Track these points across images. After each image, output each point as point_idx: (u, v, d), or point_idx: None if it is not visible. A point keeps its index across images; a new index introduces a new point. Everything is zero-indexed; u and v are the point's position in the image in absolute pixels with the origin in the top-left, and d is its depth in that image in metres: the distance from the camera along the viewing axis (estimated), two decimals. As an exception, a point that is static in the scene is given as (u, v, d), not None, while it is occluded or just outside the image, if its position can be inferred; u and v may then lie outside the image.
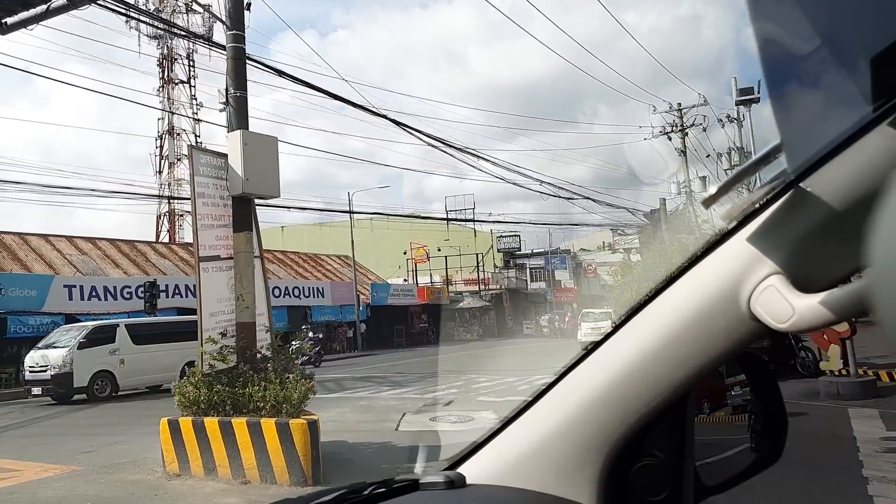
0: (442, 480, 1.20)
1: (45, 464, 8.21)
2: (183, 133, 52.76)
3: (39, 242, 26.42)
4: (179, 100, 53.01)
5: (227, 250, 7.61)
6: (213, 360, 7.15)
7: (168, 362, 17.15)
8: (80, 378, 16.11)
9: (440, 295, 39.80)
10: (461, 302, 40.45)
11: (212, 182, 7.47)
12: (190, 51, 52.99)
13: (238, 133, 7.54)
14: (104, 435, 10.46)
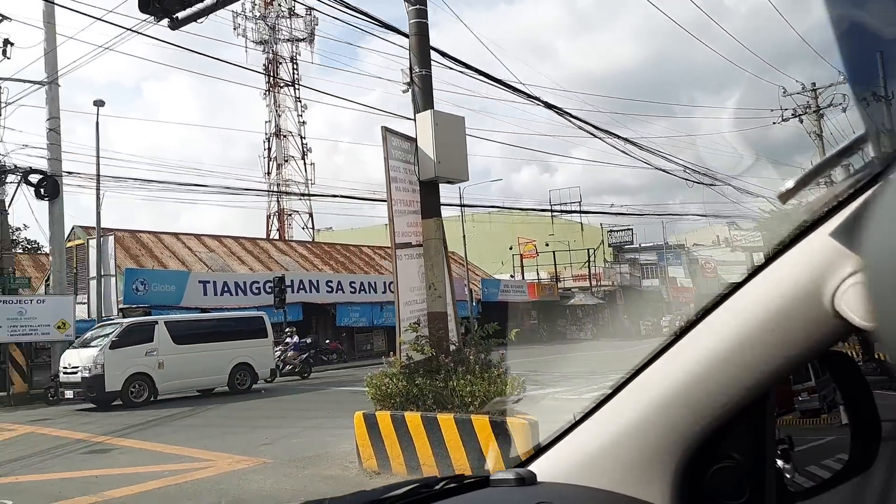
0: (512, 477, 1.21)
1: (233, 455, 8.21)
2: (289, 135, 54.45)
3: (172, 240, 27.72)
4: (285, 103, 54.76)
5: (417, 237, 7.29)
6: (412, 351, 6.82)
7: (213, 364, 15.76)
8: (113, 382, 14.27)
9: (551, 291, 38.91)
10: (572, 299, 39.39)
11: (402, 166, 7.17)
12: (294, 54, 54.61)
13: (428, 113, 7.19)
14: (272, 427, 10.49)
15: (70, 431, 11.13)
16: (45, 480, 7.61)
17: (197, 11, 9.86)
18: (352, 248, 35.17)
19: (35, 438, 10.79)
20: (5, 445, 10.27)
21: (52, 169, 18.53)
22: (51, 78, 18.59)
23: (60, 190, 18.58)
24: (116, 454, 9.03)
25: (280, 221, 52.80)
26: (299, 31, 53.67)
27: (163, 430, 10.96)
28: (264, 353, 17.02)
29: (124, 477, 7.48)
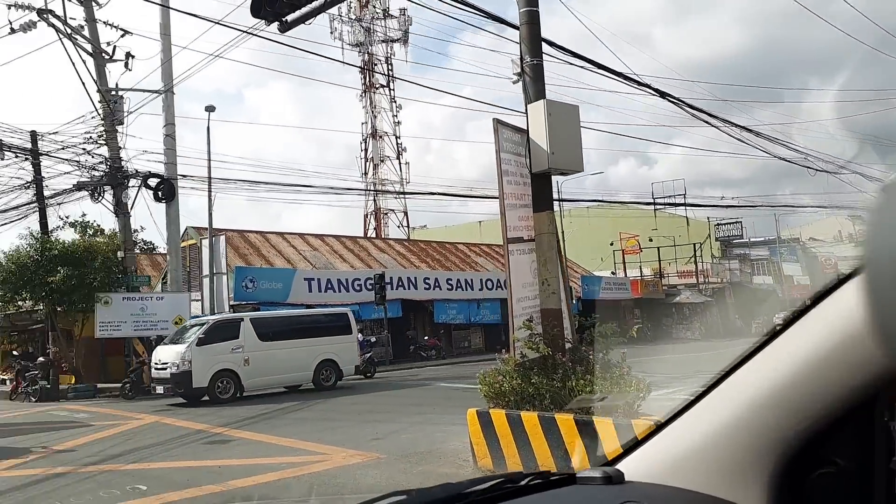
0: (599, 476, 1.21)
1: (346, 449, 8.35)
2: (385, 136, 55.53)
3: (277, 240, 28.86)
4: (380, 104, 55.87)
5: (528, 231, 7.12)
6: (526, 349, 6.67)
7: (298, 361, 15.87)
8: (200, 378, 14.61)
9: (655, 289, 37.59)
10: (678, 296, 37.87)
11: (513, 159, 7.02)
12: (388, 54, 55.62)
13: (541, 103, 7.00)
14: (379, 423, 10.62)
15: (191, 422, 11.74)
16: (173, 468, 8.03)
17: (306, 13, 10.11)
18: (447, 246, 35.39)
19: (160, 428, 11.46)
20: (135, 433, 10.97)
21: (168, 173, 19.71)
22: (167, 87, 19.76)
23: (176, 192, 19.73)
24: (235, 445, 9.42)
25: (377, 220, 53.96)
26: (394, 32, 54.71)
27: (276, 423, 11.35)
28: (349, 350, 17.15)
29: (245, 468, 7.77)
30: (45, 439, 10.79)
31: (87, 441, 10.41)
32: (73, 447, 9.96)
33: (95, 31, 19.54)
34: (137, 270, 21.02)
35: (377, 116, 55.84)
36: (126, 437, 10.69)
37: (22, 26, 17.89)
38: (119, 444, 10.04)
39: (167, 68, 19.67)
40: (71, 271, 17.92)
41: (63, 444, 10.21)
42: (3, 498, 7.03)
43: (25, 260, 18.20)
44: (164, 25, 19.70)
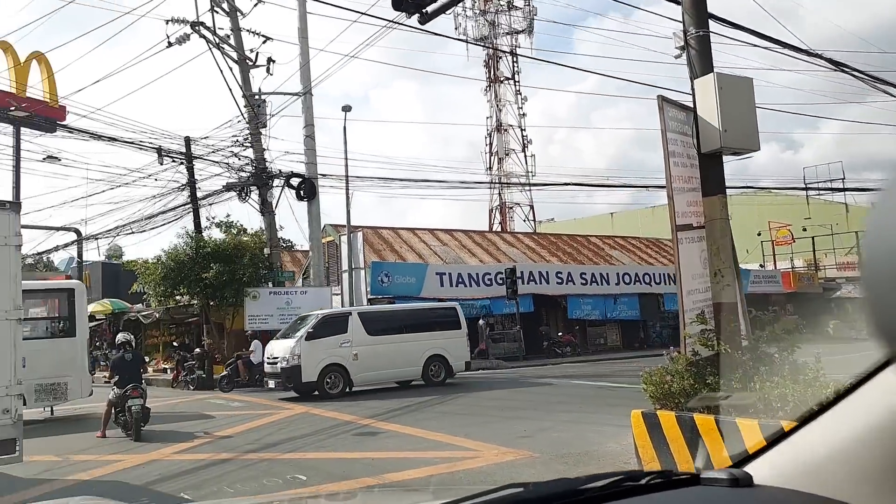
0: (725, 477, 1.18)
1: (496, 446, 8.20)
2: (510, 128, 55.23)
3: (409, 235, 29.44)
4: (505, 96, 55.62)
5: (698, 218, 6.58)
6: (699, 346, 6.16)
7: (407, 356, 15.75)
8: (309, 372, 14.71)
9: (810, 282, 34.67)
10: (838, 290, 34.70)
11: (679, 139, 6.51)
12: (513, 47, 55.27)
13: (710, 77, 6.45)
14: (525, 419, 10.39)
15: (338, 413, 12.09)
16: (328, 459, 8.24)
17: (447, 2, 10.07)
18: (578, 239, 34.53)
19: (310, 418, 11.89)
20: (288, 423, 11.45)
21: (309, 172, 20.58)
22: (305, 89, 20.62)
23: (317, 191, 20.57)
24: (384, 438, 9.55)
25: (502, 214, 53.82)
26: (518, 23, 54.31)
27: (420, 417, 11.43)
28: (459, 345, 16.78)
29: (397, 461, 7.81)
30: (206, 426, 11.54)
31: (244, 429, 10.99)
32: (231, 434, 10.55)
33: (240, 39, 20.77)
34: (282, 266, 22.14)
35: (502, 109, 55.68)
36: (279, 426, 11.18)
37: (178, 39, 19.34)
38: (274, 433, 10.51)
39: (305, 71, 20.53)
40: (222, 268, 19.17)
41: (223, 431, 10.85)
42: (177, 480, 7.50)
43: (182, 258, 19.69)
44: (301, 29, 20.58)
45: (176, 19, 19.17)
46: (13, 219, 6.54)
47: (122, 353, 11.16)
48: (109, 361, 20.59)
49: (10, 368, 6.34)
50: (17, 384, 6.44)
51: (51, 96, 34.70)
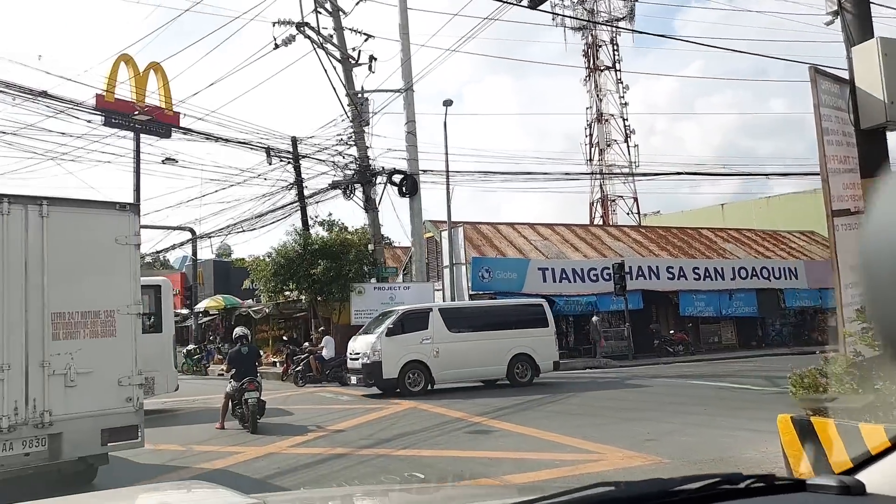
0: (835, 484, 1.14)
1: (620, 448, 7.78)
2: (611, 118, 53.72)
3: (508, 230, 29.09)
4: (605, 86, 54.14)
5: (855, 202, 5.90)
6: (861, 345, 5.51)
7: (490, 354, 15.24)
8: (390, 369, 14.53)
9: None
10: None
11: (833, 114, 5.86)
12: (613, 35, 53.74)
13: (872, 43, 5.75)
14: (647, 421, 9.87)
15: (446, 409, 11.97)
16: (444, 457, 8.08)
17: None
18: (689, 231, 32.97)
19: (419, 414, 11.84)
20: (398, 418, 11.44)
21: (410, 168, 20.68)
22: (407, 85, 20.71)
23: (419, 187, 20.65)
24: (498, 437, 9.30)
25: (604, 208, 52.46)
26: (619, 11, 52.76)
27: (532, 416, 11.12)
28: (546, 344, 16.03)
29: (515, 462, 7.54)
30: (318, 420, 11.73)
31: (356, 423, 11.06)
32: (344, 428, 10.64)
33: (343, 38, 21.14)
34: (385, 262, 22.42)
35: (602, 99, 54.28)
36: (390, 421, 11.19)
37: (284, 41, 19.92)
38: (386, 428, 10.51)
39: (407, 67, 20.62)
40: (329, 264, 19.61)
41: (335, 425, 10.98)
42: (295, 475, 7.56)
43: (291, 254, 20.29)
44: (402, 25, 20.69)
45: (282, 21, 19.75)
46: (133, 220, 7.01)
47: (239, 347, 11.48)
48: (224, 355, 21.43)
49: (131, 360, 6.82)
50: (138, 374, 6.87)
51: (166, 104, 36.85)
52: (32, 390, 6.24)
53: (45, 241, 6.42)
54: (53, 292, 6.42)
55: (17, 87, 17.84)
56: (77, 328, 6.52)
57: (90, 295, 6.66)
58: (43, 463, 6.28)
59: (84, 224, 6.73)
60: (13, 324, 6.23)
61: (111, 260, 6.81)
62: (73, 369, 6.43)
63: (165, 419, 12.73)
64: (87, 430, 6.43)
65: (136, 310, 6.92)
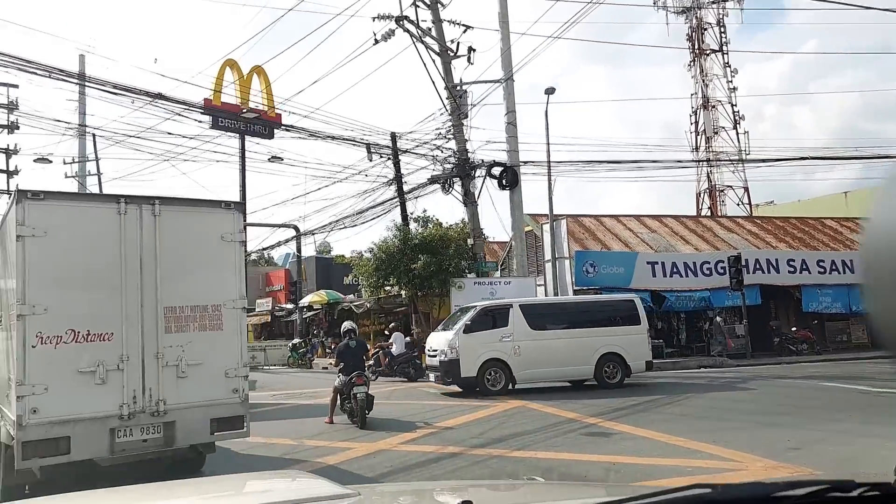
0: None
1: (758, 457, 7.06)
2: (718, 104, 51.09)
3: (612, 223, 28.07)
4: (712, 70, 51.56)
5: None
6: None
7: (576, 353, 14.39)
8: (468, 367, 14.01)
9: None
10: None
11: None
12: (720, 16, 51.15)
13: None
14: (784, 427, 9.02)
15: (557, 409, 11.46)
16: (563, 460, 7.62)
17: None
18: (809, 222, 30.70)
19: (528, 413, 11.41)
20: (507, 417, 11.06)
21: (511, 160, 20.23)
22: (507, 75, 20.27)
23: (519, 179, 20.18)
24: (618, 439, 8.74)
25: (712, 198, 50.04)
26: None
27: (651, 418, 10.44)
28: (638, 343, 15.01)
29: (642, 468, 7.00)
30: (425, 416, 11.54)
31: (465, 421, 10.79)
32: (453, 426, 10.39)
33: (441, 30, 20.96)
34: (485, 257, 22.11)
35: (708, 85, 51.76)
36: (499, 420, 10.83)
37: (383, 35, 19.97)
38: (496, 427, 10.16)
39: (507, 56, 20.18)
40: (429, 259, 19.51)
41: (443, 422, 10.74)
42: (407, 473, 7.34)
43: (392, 250, 20.35)
44: (502, 14, 20.26)
45: (381, 16, 19.80)
46: (237, 218, 7.27)
47: (347, 341, 11.43)
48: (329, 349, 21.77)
49: (237, 353, 7.05)
50: (244, 366, 7.10)
51: (269, 105, 38.22)
52: (148, 380, 6.52)
53: (158, 238, 6.69)
54: (165, 287, 6.67)
55: (136, 90, 18.78)
56: (187, 322, 6.77)
57: (198, 290, 6.89)
58: (159, 449, 6.55)
59: (192, 222, 6.99)
60: (131, 318, 6.50)
61: (218, 256, 7.04)
62: (184, 361, 6.67)
63: (275, 412, 12.95)
64: (198, 419, 6.69)
65: (241, 304, 7.12)
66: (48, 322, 6.09)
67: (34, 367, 5.99)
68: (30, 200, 6.17)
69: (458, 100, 20.43)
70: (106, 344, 6.36)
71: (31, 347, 5.99)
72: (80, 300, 6.30)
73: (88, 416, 6.18)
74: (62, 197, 6.83)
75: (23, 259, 6.06)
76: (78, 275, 6.34)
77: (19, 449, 5.86)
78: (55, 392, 6.04)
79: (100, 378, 6.28)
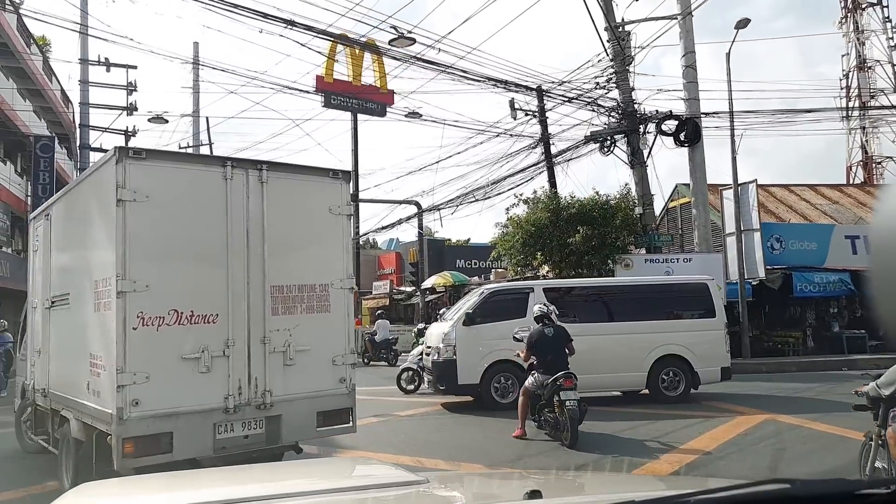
0: None
1: None
2: (877, 64, 44.90)
3: (783, 193, 24.23)
4: (868, 27, 45.38)
5: None
6: None
7: (620, 355, 10.77)
8: (468, 371, 10.57)
9: None
10: None
11: None
12: (878, -38, 44.91)
13: None
14: None
15: (832, 426, 8.33)
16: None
17: None
18: None
19: (788, 429, 8.45)
20: (764, 434, 8.15)
21: (690, 110, 16.90)
22: (684, 10, 16.92)
23: (701, 133, 16.84)
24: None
25: (867, 171, 44.22)
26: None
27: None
28: (711, 342, 11.20)
29: None
30: (653, 431, 8.67)
31: (714, 439, 7.90)
32: (708, 449, 7.51)
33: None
34: (657, 228, 18.89)
35: (864, 43, 45.61)
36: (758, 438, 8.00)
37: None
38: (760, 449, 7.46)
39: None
40: (590, 231, 16.50)
41: (689, 442, 7.89)
42: None
43: (543, 220, 17.48)
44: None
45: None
46: (345, 188, 6.54)
47: (542, 328, 8.59)
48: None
49: (345, 338, 6.34)
50: (351, 353, 6.36)
51: (381, 83, 36.18)
52: (254, 369, 5.74)
53: (266, 208, 5.91)
54: (272, 263, 5.90)
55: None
56: (294, 303, 6.03)
57: (306, 267, 6.17)
58: (261, 447, 5.76)
59: (300, 192, 6.21)
60: (236, 297, 5.68)
61: (326, 230, 6.34)
62: (291, 347, 5.93)
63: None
64: (305, 412, 5.99)
65: (349, 284, 6.44)
66: (150, 300, 5.26)
67: (135, 352, 5.16)
68: (131, 159, 5.32)
69: (622, 42, 17.25)
70: (211, 327, 5.54)
71: (131, 329, 5.16)
72: (183, 276, 5.51)
73: (192, 410, 5.41)
74: (165, 156, 5.98)
75: (123, 227, 5.21)
76: (181, 247, 5.54)
77: (119, 447, 5.01)
78: (157, 381, 5.24)
79: (204, 366, 5.48)
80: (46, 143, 23.72)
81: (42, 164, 23.02)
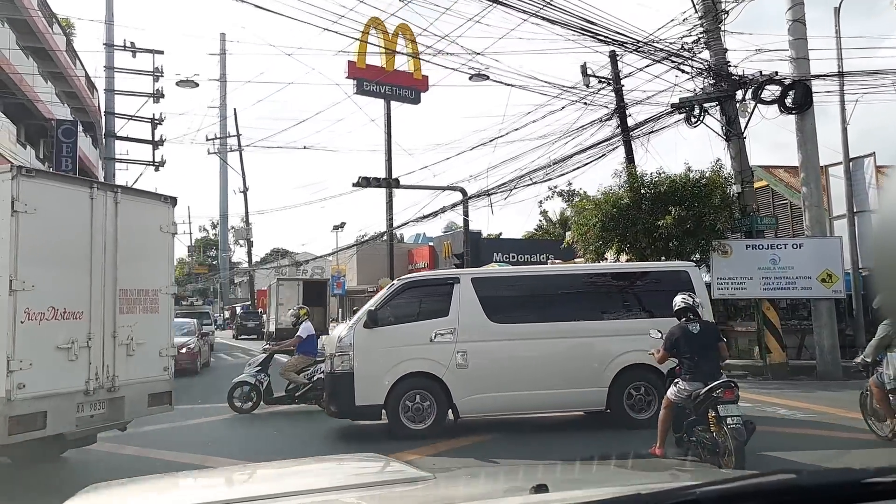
0: None
1: None
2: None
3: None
4: None
5: None
6: None
7: (574, 366, 8.55)
8: (370, 387, 8.41)
9: None
10: None
11: None
12: None
13: None
14: None
15: None
16: None
17: None
18: None
19: None
20: None
21: (798, 71, 14.58)
22: (788, -47, 14.62)
23: (812, 98, 14.52)
24: None
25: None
26: None
27: None
28: None
29: None
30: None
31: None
32: None
33: None
34: (758, 210, 16.58)
35: None
36: None
37: None
38: None
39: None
40: (684, 212, 14.26)
41: None
42: None
43: (626, 200, 15.25)
44: None
45: None
46: (171, 211, 7.96)
47: (686, 324, 6.76)
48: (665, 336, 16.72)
49: (168, 334, 7.94)
50: (171, 346, 7.93)
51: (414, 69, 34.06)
52: (107, 358, 7.01)
53: (117, 224, 7.19)
54: (120, 270, 7.18)
55: None
56: (135, 304, 7.37)
57: (143, 275, 7.51)
58: (109, 423, 7.16)
59: (141, 212, 7.57)
60: (96, 297, 6.93)
61: (157, 245, 7.79)
62: (133, 340, 7.29)
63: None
64: (140, 394, 7.35)
65: (172, 290, 7.97)
66: (35, 299, 6.32)
67: (22, 343, 6.17)
68: (24, 177, 6.36)
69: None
70: (78, 322, 6.74)
71: (20, 323, 6.17)
72: (58, 278, 6.62)
73: (62, 391, 6.54)
74: (49, 176, 7.26)
75: (16, 235, 6.21)
76: (58, 253, 6.67)
77: (5, 424, 5.96)
78: (38, 367, 6.29)
79: (73, 355, 6.67)
80: (69, 128, 22.11)
81: (65, 150, 21.41)
